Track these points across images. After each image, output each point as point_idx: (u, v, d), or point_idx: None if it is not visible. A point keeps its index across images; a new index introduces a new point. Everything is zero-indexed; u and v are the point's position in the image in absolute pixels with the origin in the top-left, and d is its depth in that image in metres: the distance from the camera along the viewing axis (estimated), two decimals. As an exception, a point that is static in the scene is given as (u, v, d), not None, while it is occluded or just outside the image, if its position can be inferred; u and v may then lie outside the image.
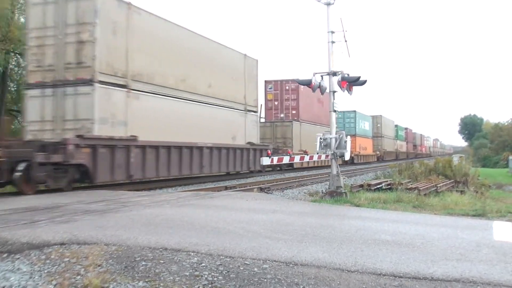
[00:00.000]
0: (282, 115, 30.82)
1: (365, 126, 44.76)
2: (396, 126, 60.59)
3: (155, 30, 15.24)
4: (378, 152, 49.02)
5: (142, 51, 14.51)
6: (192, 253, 4.48)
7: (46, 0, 12.91)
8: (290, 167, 27.47)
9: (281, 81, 31.21)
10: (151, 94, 14.88)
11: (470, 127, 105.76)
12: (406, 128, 68.50)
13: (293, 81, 29.44)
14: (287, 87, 30.82)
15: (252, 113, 22.21)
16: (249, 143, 21.15)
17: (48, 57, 12.92)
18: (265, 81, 31.34)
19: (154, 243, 4.84)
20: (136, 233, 5.35)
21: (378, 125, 51.39)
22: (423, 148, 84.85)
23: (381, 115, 52.56)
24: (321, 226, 6.20)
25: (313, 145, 30.32)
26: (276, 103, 31.13)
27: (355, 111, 41.40)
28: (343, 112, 41.56)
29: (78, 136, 12.00)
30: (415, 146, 75.66)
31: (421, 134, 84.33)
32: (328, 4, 11.87)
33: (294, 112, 30.83)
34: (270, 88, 31.29)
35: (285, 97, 30.95)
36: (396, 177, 17.07)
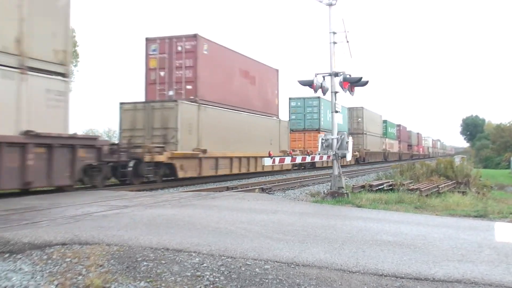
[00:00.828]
0: (171, 93, 19.06)
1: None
2: (384, 122, 51.95)
3: None
4: (357, 153, 39.80)
5: None
6: (194, 254, 4.49)
7: None
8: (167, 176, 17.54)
9: (171, 38, 19.19)
10: None
11: (472, 128, 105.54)
12: (398, 125, 60.36)
13: (188, 37, 19.03)
14: (179, 48, 19.03)
15: (54, 76, 11.75)
16: (28, 132, 10.70)
17: None
18: (146, 39, 19.53)
19: (156, 243, 4.85)
20: (138, 233, 5.37)
21: (359, 119, 42.48)
22: (421, 149, 78.81)
23: (362, 107, 43.01)
24: (322, 227, 6.20)
25: (235, 141, 21.22)
26: (162, 73, 19.19)
27: (319, 97, 30.67)
28: (303, 99, 32.60)
29: None
30: (410, 146, 68.37)
31: (418, 133, 77.78)
32: (330, 4, 11.87)
33: (189, 87, 18.87)
34: (153, 51, 19.37)
35: (176, 64, 19.02)
36: (397, 178, 17.08)
